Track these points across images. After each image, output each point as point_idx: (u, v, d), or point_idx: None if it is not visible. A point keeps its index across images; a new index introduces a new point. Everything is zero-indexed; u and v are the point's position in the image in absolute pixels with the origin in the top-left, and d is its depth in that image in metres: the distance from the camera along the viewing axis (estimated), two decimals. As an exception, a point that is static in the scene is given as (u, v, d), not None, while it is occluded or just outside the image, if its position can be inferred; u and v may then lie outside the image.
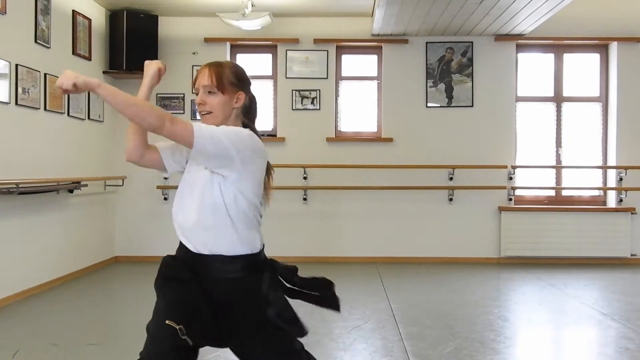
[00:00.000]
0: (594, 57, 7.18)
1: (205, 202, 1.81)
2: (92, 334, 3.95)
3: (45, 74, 5.30)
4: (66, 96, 5.72)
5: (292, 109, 6.98)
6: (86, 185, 5.91)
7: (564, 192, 7.18)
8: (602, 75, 7.15)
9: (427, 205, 6.97)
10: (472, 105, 6.98)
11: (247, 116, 2.00)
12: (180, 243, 1.89)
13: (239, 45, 7.13)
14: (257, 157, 1.87)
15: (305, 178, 6.87)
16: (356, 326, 4.10)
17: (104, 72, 6.58)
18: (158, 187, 6.83)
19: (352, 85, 7.20)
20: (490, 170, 6.90)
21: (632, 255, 6.82)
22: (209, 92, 1.90)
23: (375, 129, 7.13)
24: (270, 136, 6.96)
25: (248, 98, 1.99)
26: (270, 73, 7.14)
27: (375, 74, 7.18)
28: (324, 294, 1.92)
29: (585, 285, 5.74)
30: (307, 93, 6.99)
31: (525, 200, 7.17)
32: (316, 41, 6.90)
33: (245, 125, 1.97)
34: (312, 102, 6.99)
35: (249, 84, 2.00)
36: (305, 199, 6.92)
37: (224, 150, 1.75)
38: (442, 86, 6.99)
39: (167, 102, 6.89)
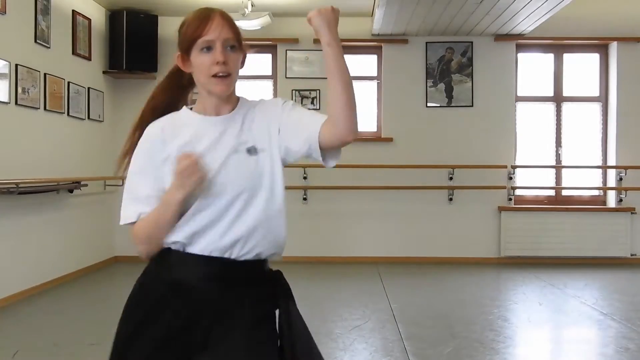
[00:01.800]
0: (594, 57, 7.18)
1: None
2: (92, 334, 3.95)
3: (45, 74, 5.30)
4: (66, 96, 5.72)
5: (292, 109, 6.96)
6: (86, 185, 5.91)
7: (564, 192, 7.18)
8: (602, 75, 7.15)
9: (427, 205, 6.96)
10: (472, 105, 6.98)
11: None
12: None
13: (245, 42, 7.11)
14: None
15: (305, 178, 6.87)
16: (356, 326, 4.10)
17: (103, 72, 6.58)
18: (158, 187, 6.83)
19: (352, 85, 7.19)
20: (490, 170, 6.90)
21: (632, 255, 6.82)
22: (231, 49, 1.50)
23: (375, 129, 7.13)
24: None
25: None
26: (270, 73, 7.14)
27: (375, 74, 7.18)
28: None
29: (585, 285, 5.74)
30: (307, 93, 6.99)
31: (525, 200, 7.17)
32: (316, 41, 6.89)
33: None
34: (312, 102, 6.99)
35: None
36: (305, 199, 6.91)
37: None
38: (442, 86, 6.99)
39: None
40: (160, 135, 1.51)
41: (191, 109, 1.59)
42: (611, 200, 7.04)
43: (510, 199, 6.99)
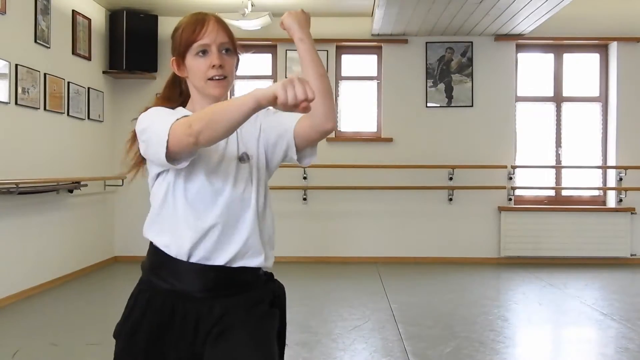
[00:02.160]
0: (594, 57, 7.18)
1: None
2: (92, 334, 3.95)
3: (45, 74, 5.30)
4: (66, 96, 5.72)
5: (292, 109, 6.96)
6: (86, 185, 5.91)
7: (564, 192, 7.18)
8: (602, 75, 7.15)
9: (427, 205, 6.96)
10: (472, 105, 6.98)
11: None
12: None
13: (239, 45, 7.11)
14: None
15: (305, 178, 6.87)
16: (356, 326, 4.10)
17: (103, 72, 6.58)
18: (158, 187, 6.83)
19: (352, 85, 7.20)
20: (490, 170, 6.90)
21: (632, 255, 6.82)
22: (226, 52, 1.53)
23: (375, 129, 7.13)
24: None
25: None
26: (270, 73, 7.14)
27: (375, 74, 7.18)
28: None
29: (585, 285, 5.74)
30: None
31: (525, 200, 7.17)
32: (316, 41, 6.76)
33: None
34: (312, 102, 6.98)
35: None
36: (305, 199, 6.91)
37: None
38: (442, 86, 6.99)
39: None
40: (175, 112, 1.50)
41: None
42: (611, 200, 7.04)
43: (510, 199, 6.99)
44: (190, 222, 1.47)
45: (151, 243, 1.57)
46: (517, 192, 7.08)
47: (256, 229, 1.51)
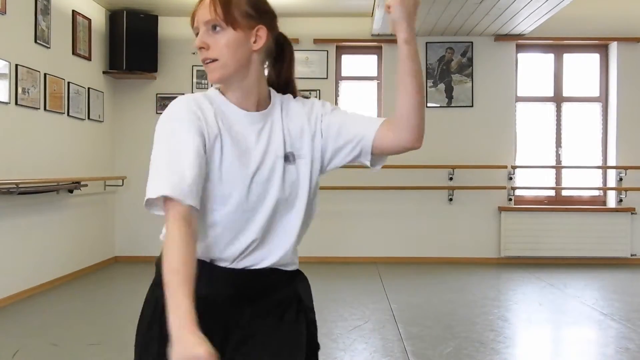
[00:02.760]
0: (594, 57, 7.18)
1: None
2: (92, 334, 3.95)
3: (45, 74, 5.30)
4: (66, 96, 5.72)
5: (292, 109, 6.96)
6: (86, 185, 5.91)
7: (564, 192, 7.18)
8: (602, 75, 7.14)
9: (427, 205, 6.96)
10: (472, 105, 6.98)
11: (277, 65, 1.43)
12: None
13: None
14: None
15: (305, 178, 6.87)
16: (356, 326, 4.10)
17: (104, 72, 6.58)
18: (158, 187, 6.83)
19: (352, 86, 7.20)
20: (490, 171, 6.90)
21: (632, 255, 6.82)
22: (213, 30, 1.30)
23: (375, 129, 7.12)
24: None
25: (273, 37, 1.37)
26: (270, 73, 7.14)
27: (375, 74, 7.18)
28: None
29: (585, 285, 5.74)
30: (307, 93, 6.89)
31: (525, 201, 7.17)
32: (316, 41, 6.89)
33: (272, 84, 1.43)
34: (312, 102, 6.98)
35: (274, 17, 1.37)
36: (305, 199, 6.91)
37: None
38: (442, 86, 6.99)
39: (167, 102, 6.90)
40: (200, 112, 1.30)
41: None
42: (611, 200, 7.04)
43: (510, 199, 6.99)
44: (226, 241, 1.32)
45: None
46: (517, 192, 7.08)
47: (297, 239, 1.40)
